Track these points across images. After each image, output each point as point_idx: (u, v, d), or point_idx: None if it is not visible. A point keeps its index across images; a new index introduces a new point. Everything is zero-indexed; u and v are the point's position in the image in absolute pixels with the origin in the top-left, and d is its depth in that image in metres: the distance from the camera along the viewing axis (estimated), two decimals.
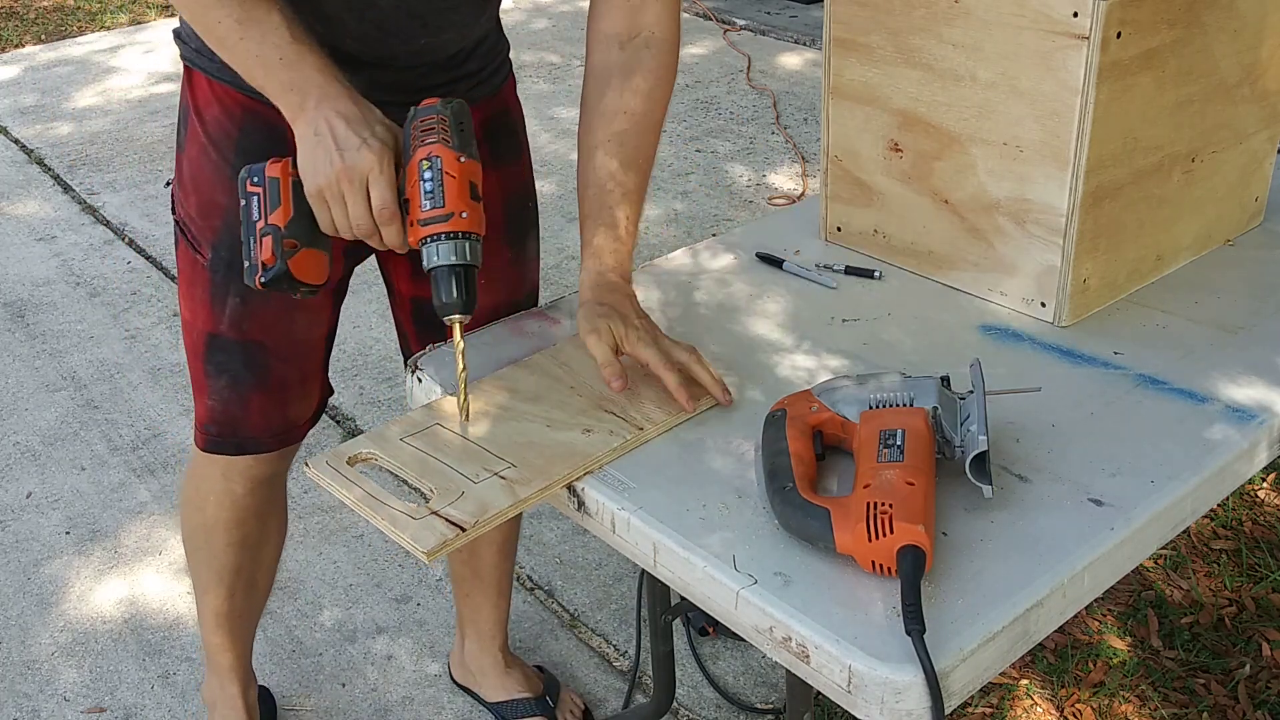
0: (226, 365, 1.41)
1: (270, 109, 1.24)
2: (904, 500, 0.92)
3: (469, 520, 1.02)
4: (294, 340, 1.43)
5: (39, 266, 3.50)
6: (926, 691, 0.85)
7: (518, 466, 1.09)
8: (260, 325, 1.39)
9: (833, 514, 0.94)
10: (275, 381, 1.44)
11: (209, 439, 1.47)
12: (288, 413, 1.48)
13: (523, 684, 1.91)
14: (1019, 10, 1.21)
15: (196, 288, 1.38)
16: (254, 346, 1.40)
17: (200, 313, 1.39)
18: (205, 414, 1.45)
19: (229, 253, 1.34)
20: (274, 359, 1.42)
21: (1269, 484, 2.35)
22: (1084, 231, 1.26)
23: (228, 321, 1.38)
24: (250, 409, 1.44)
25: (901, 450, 0.97)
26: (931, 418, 1.02)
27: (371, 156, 1.10)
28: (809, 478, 1.01)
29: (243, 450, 1.49)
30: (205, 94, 1.33)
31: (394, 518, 1.03)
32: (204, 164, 1.34)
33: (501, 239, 1.48)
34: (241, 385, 1.42)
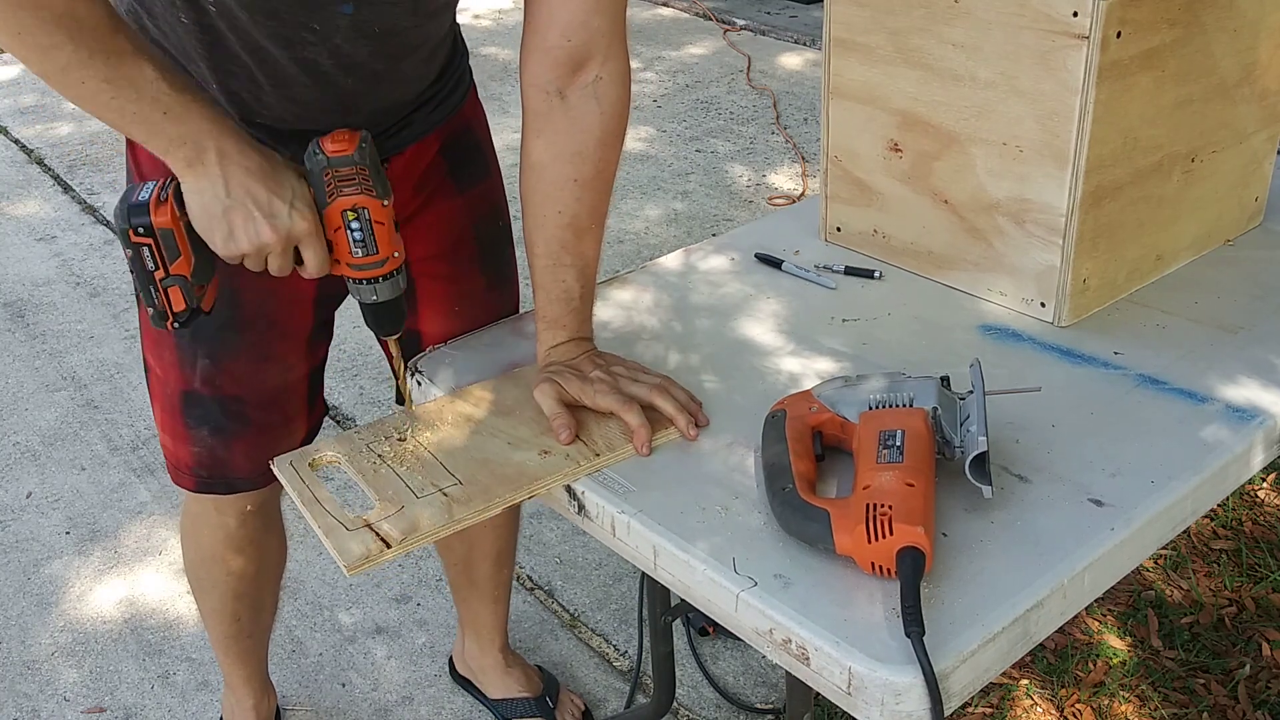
0: (206, 418, 1.38)
1: None
2: (903, 501, 0.92)
3: (396, 537, 1.02)
4: (269, 389, 1.39)
5: (39, 266, 3.50)
6: (926, 693, 0.85)
7: (464, 485, 1.08)
8: (232, 380, 1.36)
9: (832, 515, 0.94)
10: (256, 427, 1.41)
11: (199, 482, 1.44)
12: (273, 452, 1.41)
13: (523, 684, 1.91)
14: (1019, 10, 1.20)
15: (164, 349, 1.35)
16: (230, 400, 1.37)
17: (172, 372, 1.36)
18: (191, 459, 1.43)
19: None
20: (252, 409, 1.39)
21: (1269, 484, 2.35)
22: (1084, 231, 1.26)
23: (200, 380, 1.35)
24: (235, 453, 1.42)
25: (901, 451, 0.97)
26: (931, 418, 1.02)
27: (304, 224, 1.08)
28: (808, 479, 1.01)
29: (233, 489, 1.46)
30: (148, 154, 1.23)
31: (329, 525, 1.03)
32: None
33: (476, 266, 1.44)
34: (224, 433, 1.40)
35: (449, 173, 1.38)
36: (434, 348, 1.34)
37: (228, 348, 1.33)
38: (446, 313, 1.43)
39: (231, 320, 1.31)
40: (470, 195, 1.42)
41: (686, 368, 1.27)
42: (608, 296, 1.43)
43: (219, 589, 1.65)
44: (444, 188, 1.38)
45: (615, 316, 1.38)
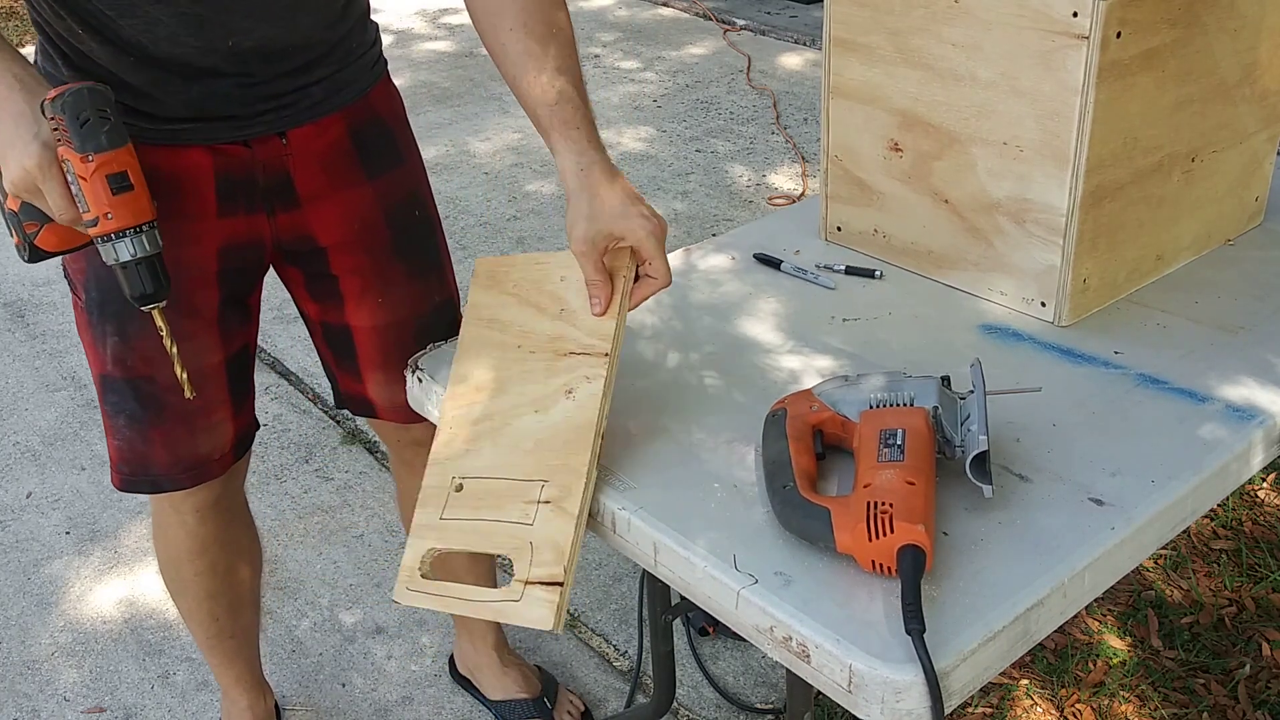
0: (121, 405, 1.38)
1: None
2: (904, 500, 0.92)
3: (559, 575, 1.02)
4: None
5: (39, 266, 3.50)
6: (926, 691, 0.85)
7: (549, 480, 1.07)
8: (142, 359, 1.34)
9: (833, 514, 0.94)
10: (172, 415, 1.38)
11: (123, 479, 1.44)
12: (195, 447, 1.42)
13: (520, 684, 1.90)
14: (1019, 10, 1.20)
15: (83, 330, 1.36)
16: (142, 382, 1.36)
17: (91, 354, 1.37)
18: (115, 454, 1.42)
19: (98, 292, 1.32)
20: (164, 392, 1.36)
21: (1269, 484, 2.35)
22: (1084, 231, 1.26)
23: (111, 359, 1.35)
24: (153, 445, 1.40)
25: (902, 450, 0.97)
26: (932, 417, 1.02)
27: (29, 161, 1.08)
28: (809, 477, 1.01)
29: (158, 488, 1.45)
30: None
31: (499, 609, 1.04)
32: None
33: (390, 254, 1.43)
34: (139, 422, 1.38)
35: (358, 159, 1.38)
36: (433, 346, 1.34)
37: (135, 323, 1.32)
38: (371, 305, 1.43)
39: None
40: (380, 182, 1.40)
41: (687, 366, 1.27)
42: None
43: (190, 590, 1.64)
44: (353, 173, 1.38)
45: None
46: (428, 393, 1.28)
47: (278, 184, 1.33)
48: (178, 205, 1.27)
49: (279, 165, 1.32)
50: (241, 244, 1.35)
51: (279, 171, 1.32)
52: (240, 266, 1.37)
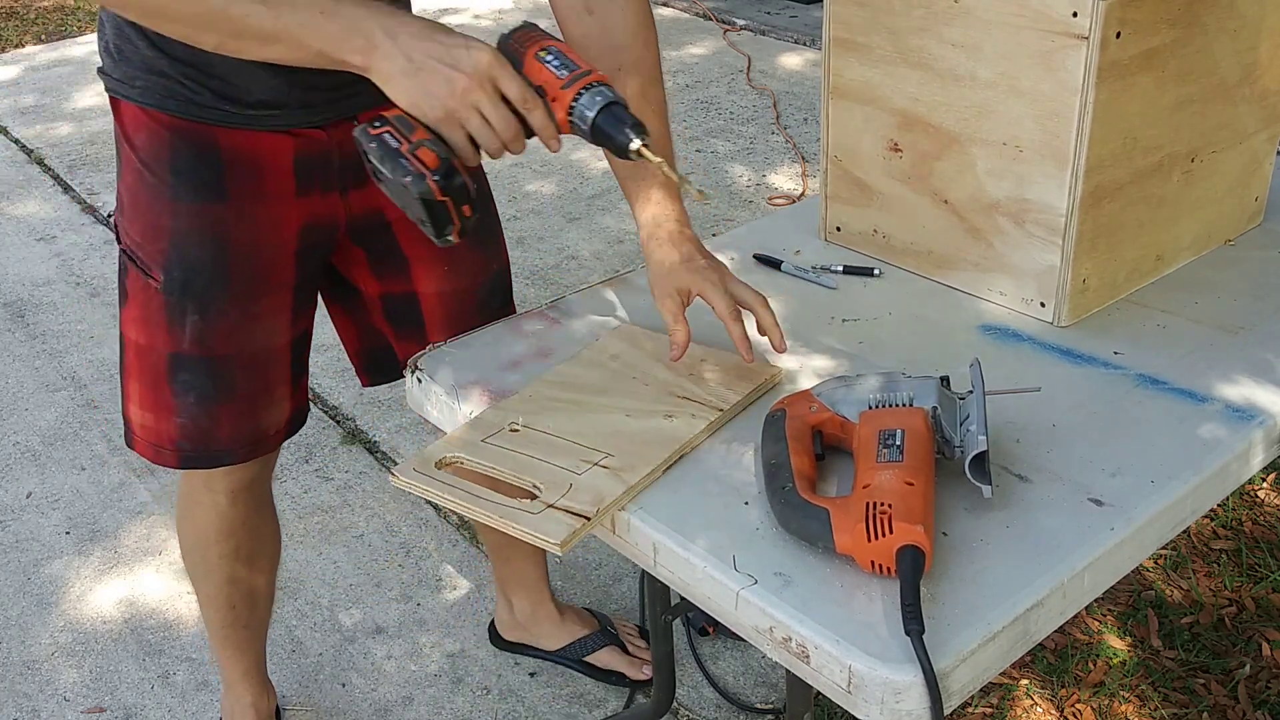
0: (192, 383, 1.40)
1: (199, 126, 1.29)
2: (903, 500, 0.92)
3: (589, 510, 1.02)
4: (258, 351, 1.41)
5: (39, 266, 3.50)
6: (926, 691, 0.85)
7: (615, 455, 1.09)
8: (221, 339, 1.38)
9: (832, 514, 0.94)
10: (241, 393, 1.43)
11: (182, 456, 1.45)
12: (258, 423, 1.47)
13: (581, 624, 1.98)
14: (1019, 10, 1.20)
15: (152, 312, 1.37)
16: (218, 361, 1.39)
17: (159, 336, 1.38)
18: (176, 432, 1.43)
19: (181, 272, 1.34)
20: (239, 371, 1.41)
21: (1269, 484, 2.35)
22: (1084, 231, 1.26)
23: (189, 340, 1.37)
24: (219, 423, 1.43)
25: (901, 450, 0.97)
26: (931, 418, 1.02)
27: (487, 54, 1.06)
28: (808, 478, 1.01)
29: (216, 463, 1.48)
30: (133, 120, 1.32)
31: (512, 514, 1.02)
32: (141, 189, 1.33)
33: None
34: (208, 401, 1.41)
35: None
36: (433, 346, 1.34)
37: (217, 303, 1.35)
38: (439, 272, 1.47)
39: (222, 274, 1.34)
40: None
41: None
42: (608, 296, 1.43)
43: (214, 574, 1.65)
44: None
45: (615, 316, 1.38)
46: (427, 393, 1.29)
47: (352, 163, 1.36)
48: (260, 186, 1.33)
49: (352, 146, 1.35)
50: (319, 224, 1.40)
51: (353, 152, 1.35)
52: (315, 246, 1.42)
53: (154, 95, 1.29)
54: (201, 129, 1.29)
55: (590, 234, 3.52)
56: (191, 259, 1.34)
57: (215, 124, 1.29)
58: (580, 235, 3.51)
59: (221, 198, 1.32)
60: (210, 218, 1.32)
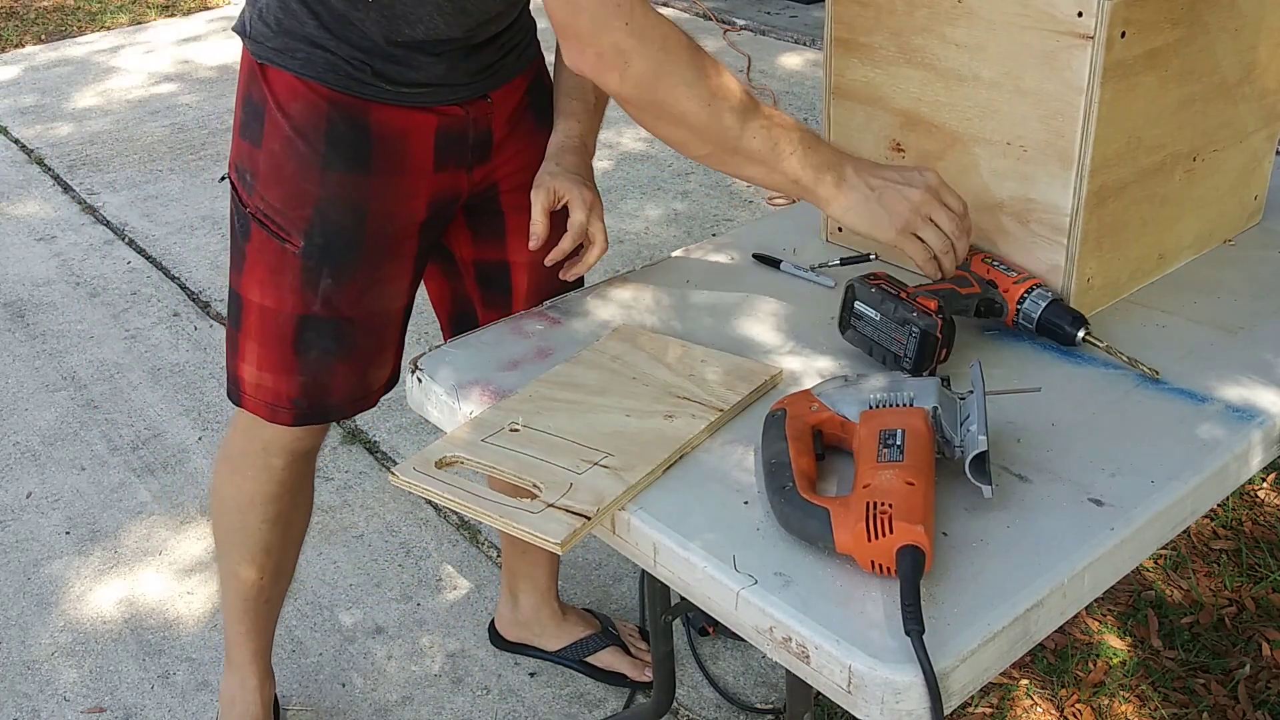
0: (316, 342, 1.45)
1: (355, 100, 1.36)
2: (904, 500, 0.92)
3: (589, 509, 1.02)
4: (378, 313, 1.48)
5: (39, 266, 3.50)
6: (926, 692, 0.85)
7: (615, 455, 1.09)
8: (349, 302, 1.44)
9: (832, 514, 0.94)
10: (359, 352, 1.49)
11: (297, 413, 1.50)
12: (367, 380, 1.53)
13: (583, 625, 2.00)
14: (1023, 10, 1.20)
15: (284, 275, 1.42)
16: (343, 323, 1.45)
17: (289, 298, 1.43)
18: (296, 390, 1.49)
19: (323, 239, 1.39)
20: (360, 332, 1.47)
21: (1269, 484, 2.35)
22: (1088, 231, 1.26)
23: (320, 302, 1.43)
24: (336, 379, 1.49)
25: (901, 450, 0.97)
26: (931, 417, 1.02)
27: (934, 174, 1.23)
28: (808, 477, 1.01)
29: (327, 418, 1.54)
30: (288, 89, 1.37)
31: (512, 514, 1.02)
32: (290, 156, 1.37)
33: None
34: (329, 358, 1.47)
35: (532, 109, 1.52)
36: (434, 347, 1.34)
37: (350, 267, 1.42)
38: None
39: (359, 241, 1.41)
40: (547, 131, 1.51)
41: None
42: (608, 296, 1.43)
43: (250, 539, 1.67)
44: (527, 121, 1.52)
45: (616, 315, 1.38)
46: (427, 393, 1.28)
47: (482, 140, 1.46)
48: (403, 161, 1.40)
49: (485, 123, 1.46)
50: (446, 197, 1.47)
51: (484, 128, 1.46)
52: (438, 217, 1.49)
53: (315, 68, 1.34)
54: (357, 103, 1.36)
55: None
56: (333, 226, 1.39)
57: (370, 99, 1.36)
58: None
59: (368, 169, 1.38)
60: (356, 187, 1.38)
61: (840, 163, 1.23)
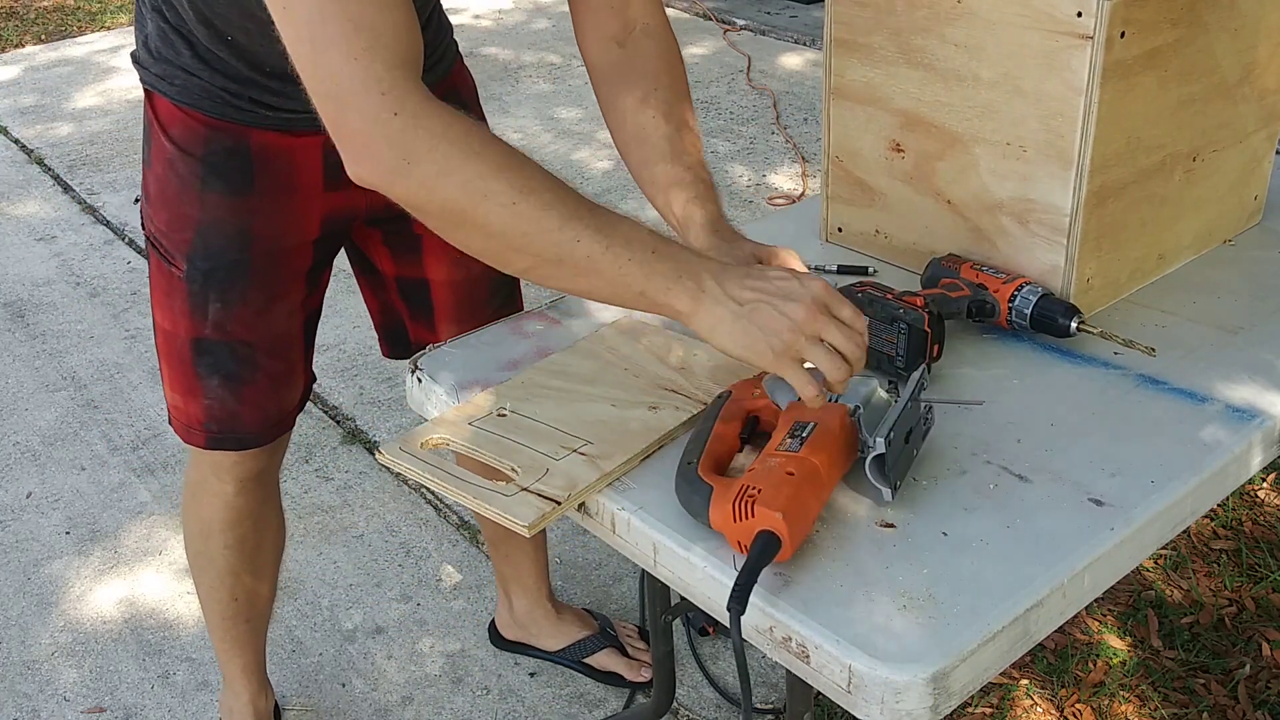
0: (217, 366, 1.43)
1: (233, 125, 1.32)
2: (774, 488, 0.94)
3: (560, 494, 1.04)
4: (275, 334, 1.45)
5: (39, 266, 3.50)
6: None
7: (594, 443, 1.10)
8: (242, 324, 1.41)
9: (715, 492, 0.97)
10: (264, 375, 1.46)
11: (210, 437, 1.49)
12: (280, 401, 1.51)
13: (579, 625, 1.99)
14: (1022, 10, 1.20)
15: (175, 299, 1.40)
16: (239, 345, 1.43)
17: (182, 321, 1.41)
18: (203, 413, 1.47)
19: (204, 262, 1.37)
20: (260, 354, 1.45)
21: (1269, 484, 2.35)
22: (1088, 231, 1.26)
23: (211, 326, 1.40)
24: (245, 404, 1.47)
25: (802, 442, 0.98)
26: (851, 416, 1.03)
27: (818, 282, 1.01)
28: (719, 457, 1.03)
29: (243, 445, 1.51)
30: (169, 113, 1.35)
31: (485, 495, 1.04)
32: (171, 178, 1.36)
33: None
34: (234, 381, 1.45)
35: None
36: (433, 346, 1.34)
37: (237, 291, 1.39)
38: (449, 260, 1.52)
39: (244, 264, 1.38)
40: None
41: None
42: None
43: (216, 564, 1.66)
44: None
45: (616, 315, 1.38)
46: (427, 393, 1.28)
47: None
48: (289, 181, 1.37)
49: None
50: (340, 214, 1.44)
51: None
52: (333, 234, 1.46)
53: (191, 95, 1.32)
54: (235, 127, 1.33)
55: None
56: (215, 249, 1.36)
57: (249, 124, 1.33)
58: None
59: (249, 191, 1.35)
60: (237, 209, 1.35)
61: (698, 270, 1.00)
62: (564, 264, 0.99)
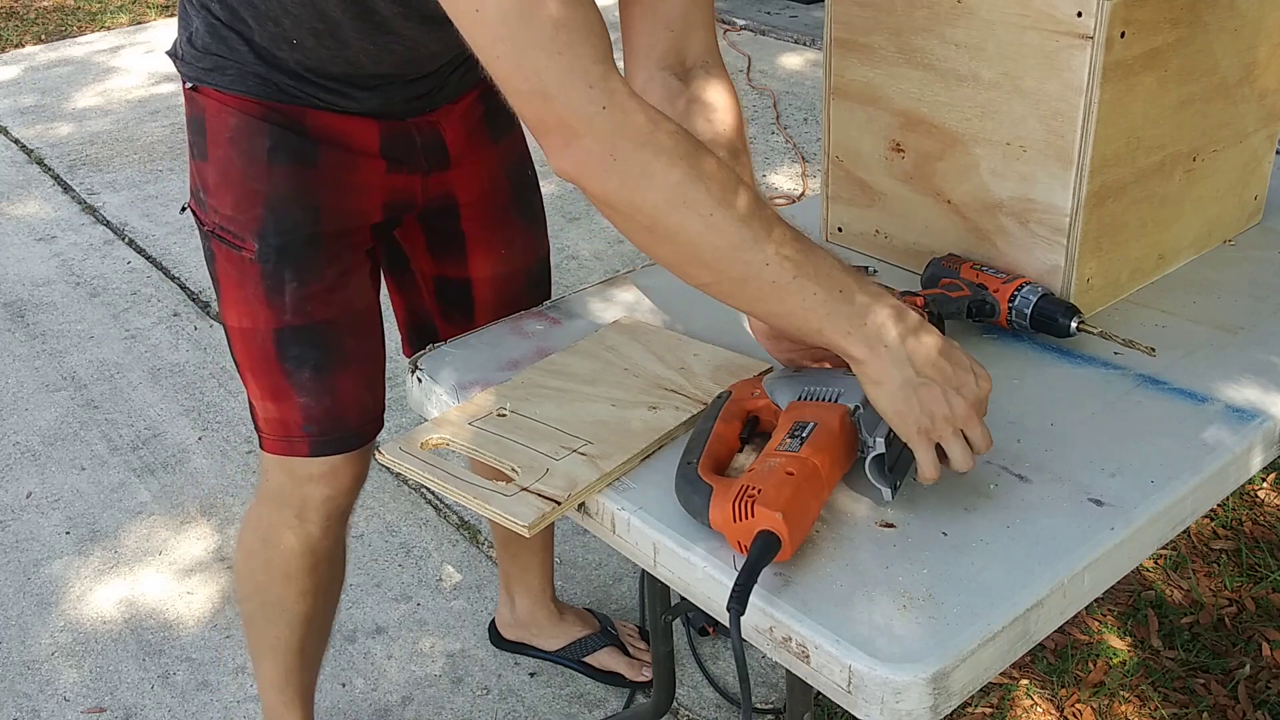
0: (305, 356, 1.37)
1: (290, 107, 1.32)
2: (774, 488, 0.94)
3: (561, 494, 1.04)
4: (356, 311, 1.40)
5: (39, 266, 3.50)
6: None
7: (594, 443, 1.11)
8: (322, 303, 1.36)
9: (714, 492, 0.96)
10: (354, 359, 1.40)
11: (313, 441, 1.40)
12: (375, 391, 1.45)
13: (580, 625, 2.00)
14: (1022, 10, 1.20)
15: (249, 287, 1.35)
16: (323, 327, 1.37)
17: (261, 312, 1.35)
18: (300, 415, 1.39)
19: (276, 238, 1.32)
20: (346, 335, 1.39)
21: (1269, 484, 2.35)
22: (1088, 231, 1.26)
23: (291, 309, 1.34)
24: (341, 394, 1.39)
25: (802, 442, 0.98)
26: (851, 415, 1.02)
27: (989, 384, 1.00)
28: (719, 457, 1.03)
29: (347, 446, 1.42)
30: (223, 101, 1.33)
31: (485, 495, 1.04)
32: (234, 158, 1.33)
33: (512, 208, 1.54)
34: (325, 371, 1.38)
35: (486, 122, 1.48)
36: (434, 346, 1.34)
37: (311, 266, 1.34)
38: (495, 256, 1.52)
39: (315, 236, 1.34)
40: (502, 144, 1.51)
41: None
42: (610, 297, 1.43)
43: (288, 614, 1.57)
44: (484, 136, 1.48)
45: (616, 315, 1.38)
46: (427, 393, 1.29)
47: (433, 145, 1.42)
48: (350, 160, 1.36)
49: (432, 130, 1.42)
50: (399, 201, 1.43)
51: (432, 135, 1.42)
52: (391, 222, 1.45)
53: (247, 83, 1.31)
54: (292, 109, 1.32)
55: (590, 234, 3.52)
56: (287, 223, 1.33)
57: (306, 106, 1.32)
58: (580, 235, 3.51)
59: (314, 165, 1.34)
60: (306, 180, 1.33)
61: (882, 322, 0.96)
62: (747, 286, 0.96)
